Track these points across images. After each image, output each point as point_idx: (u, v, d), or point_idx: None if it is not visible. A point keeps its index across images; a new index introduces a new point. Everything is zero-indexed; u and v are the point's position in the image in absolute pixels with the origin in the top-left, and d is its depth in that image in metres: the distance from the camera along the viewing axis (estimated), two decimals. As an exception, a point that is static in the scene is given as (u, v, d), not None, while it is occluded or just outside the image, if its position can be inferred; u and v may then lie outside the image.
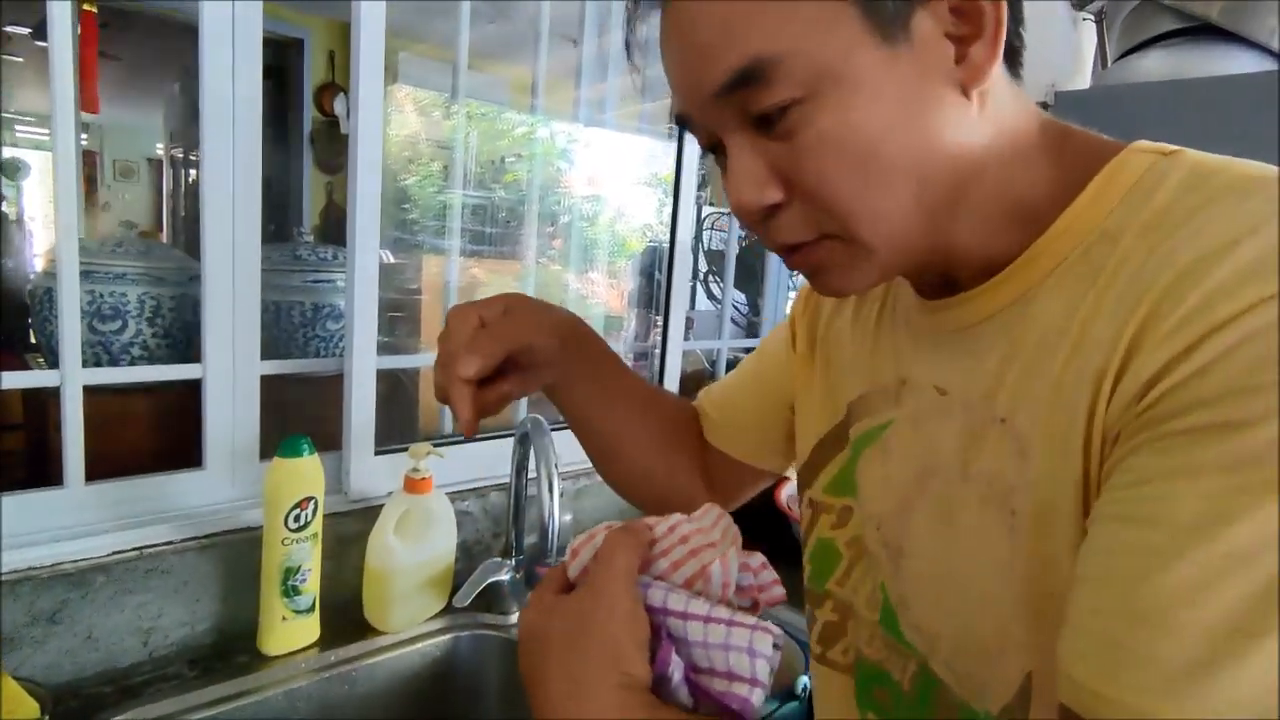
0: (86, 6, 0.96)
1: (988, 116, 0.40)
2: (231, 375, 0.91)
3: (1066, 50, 1.71)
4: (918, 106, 0.38)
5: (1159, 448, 0.31)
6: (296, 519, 0.85)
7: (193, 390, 0.90)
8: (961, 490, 0.43)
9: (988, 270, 0.42)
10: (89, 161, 5.60)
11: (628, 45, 0.49)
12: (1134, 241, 0.36)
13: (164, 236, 5.31)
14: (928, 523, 0.46)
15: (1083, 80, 1.79)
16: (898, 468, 0.49)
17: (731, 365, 1.61)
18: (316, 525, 0.87)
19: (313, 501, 0.86)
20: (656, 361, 1.39)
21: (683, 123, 0.44)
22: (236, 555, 0.88)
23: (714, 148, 0.44)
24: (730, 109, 0.40)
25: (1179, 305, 0.32)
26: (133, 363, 1.02)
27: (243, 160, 0.88)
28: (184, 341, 1.07)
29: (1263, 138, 1.27)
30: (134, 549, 0.82)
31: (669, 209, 1.39)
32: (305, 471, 0.85)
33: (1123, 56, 1.57)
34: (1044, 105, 1.61)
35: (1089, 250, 0.38)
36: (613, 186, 1.58)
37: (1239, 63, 1.36)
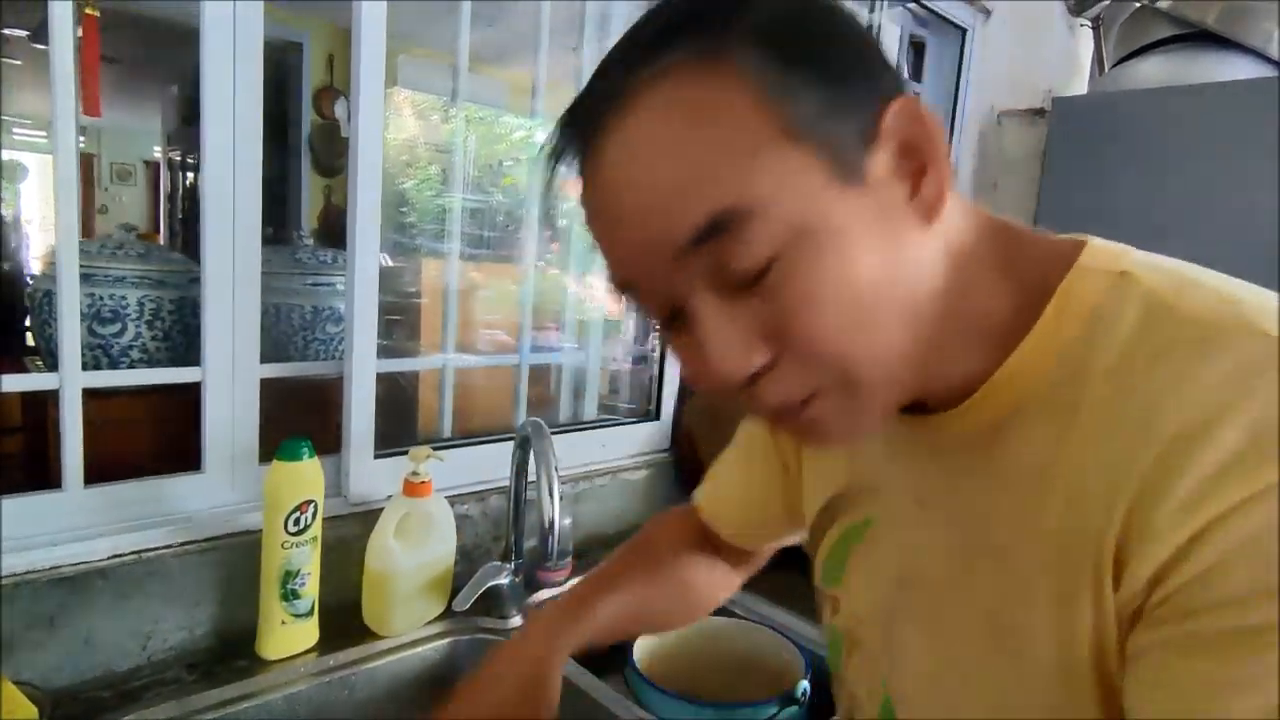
0: (89, 10, 0.96)
1: (945, 241, 0.40)
2: (231, 378, 0.91)
3: (1063, 57, 1.72)
4: (890, 245, 0.37)
5: (1194, 650, 0.32)
6: (296, 522, 0.84)
7: (192, 393, 0.90)
8: (946, 600, 0.44)
9: (952, 392, 0.42)
10: (86, 164, 5.60)
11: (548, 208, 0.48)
12: (1102, 385, 0.37)
13: (161, 239, 5.30)
14: (914, 632, 0.47)
15: (1080, 86, 1.80)
16: (881, 569, 0.50)
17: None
18: (316, 529, 0.86)
19: (312, 505, 0.85)
20: (655, 366, 1.39)
21: (627, 290, 0.41)
22: (235, 559, 0.88)
23: (671, 317, 0.40)
24: (696, 267, 0.37)
25: (1174, 484, 0.32)
26: (132, 366, 1.02)
27: (243, 162, 0.88)
28: (184, 344, 1.07)
29: (1260, 143, 1.28)
30: (133, 552, 0.82)
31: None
32: (305, 475, 0.85)
33: (1120, 62, 1.58)
34: (1040, 112, 1.62)
35: (1055, 386, 0.39)
36: None
37: (1236, 68, 1.37)
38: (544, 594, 1.06)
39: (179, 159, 5.06)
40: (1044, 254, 0.41)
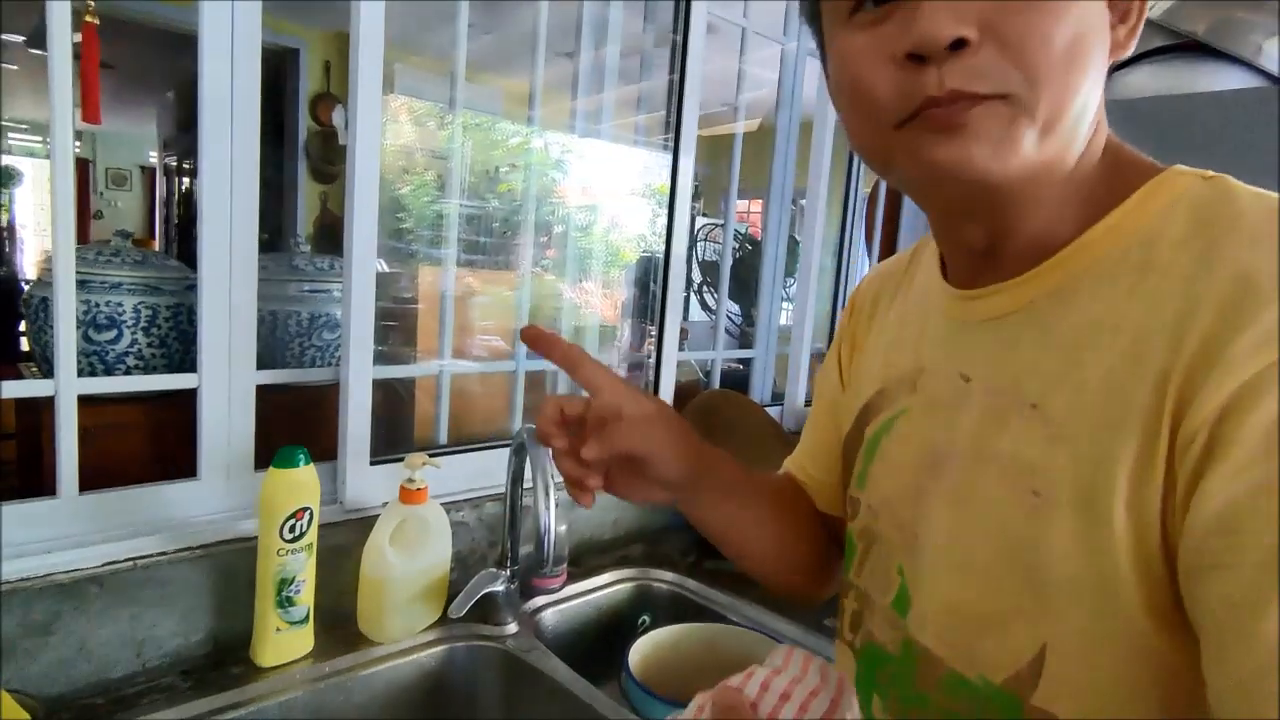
0: (88, 18, 0.96)
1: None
2: (227, 385, 0.91)
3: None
4: (1103, 35, 0.41)
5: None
6: (291, 530, 0.84)
7: (188, 399, 0.90)
8: (975, 470, 0.45)
9: (1032, 253, 0.44)
10: (81, 169, 5.60)
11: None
12: (1176, 250, 0.39)
13: (156, 244, 5.30)
14: (943, 506, 0.47)
15: (1072, 95, 1.82)
16: (909, 453, 0.51)
17: (726, 376, 1.62)
18: (311, 536, 0.86)
19: (308, 512, 0.85)
20: (650, 372, 1.40)
21: None
22: (230, 566, 0.87)
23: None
24: None
25: (1255, 316, 0.34)
26: (128, 372, 1.02)
27: (240, 170, 0.88)
28: (180, 350, 1.07)
29: (1250, 151, 1.29)
30: (128, 559, 0.82)
31: (663, 220, 1.39)
32: (301, 482, 0.85)
33: (1114, 71, 1.59)
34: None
35: (1128, 253, 0.41)
36: (607, 197, 1.59)
37: (1226, 79, 1.38)
38: (539, 600, 1.06)
39: (175, 164, 5.06)
40: (1141, 163, 0.45)
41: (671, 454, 0.53)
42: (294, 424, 1.04)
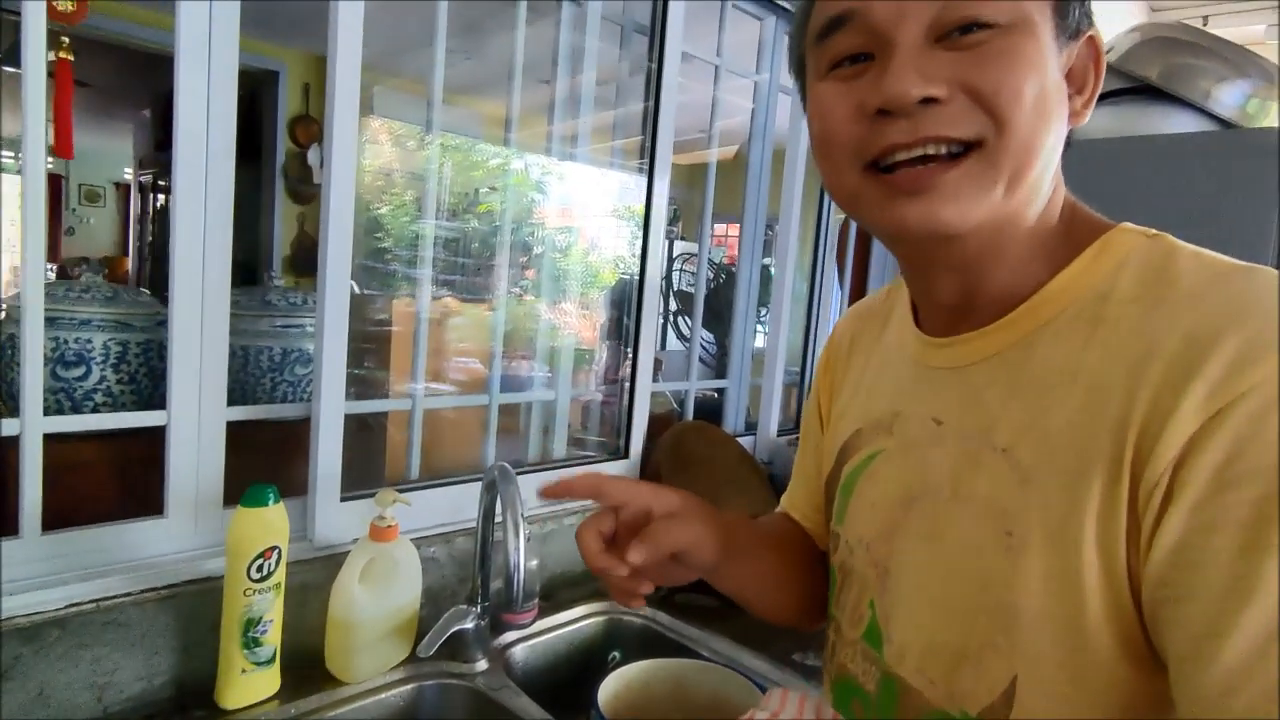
0: (62, 54, 0.97)
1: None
2: (197, 422, 0.90)
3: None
4: (1063, 101, 0.45)
5: (1226, 524, 0.35)
6: (259, 569, 0.84)
7: (157, 436, 0.89)
8: (950, 509, 0.47)
9: (998, 305, 0.48)
10: (53, 185, 5.52)
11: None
12: (1127, 304, 0.43)
13: (129, 263, 5.23)
14: (915, 541, 0.50)
15: (1035, 132, 1.87)
16: (885, 492, 0.53)
17: (699, 405, 1.64)
18: (280, 575, 0.86)
19: (276, 551, 0.85)
20: (625, 401, 1.41)
21: (840, 22, 0.45)
22: (197, 606, 0.87)
23: (861, 56, 0.45)
24: (930, 7, 0.42)
25: (1201, 370, 0.37)
26: (95, 409, 1.01)
27: (214, 207, 0.88)
28: (149, 387, 1.06)
29: (1200, 192, 1.34)
30: (91, 601, 0.81)
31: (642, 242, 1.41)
32: (270, 521, 0.85)
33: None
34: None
35: (1082, 308, 0.44)
36: (586, 219, 1.61)
37: (1177, 121, 1.44)
38: (510, 636, 1.06)
39: (150, 181, 5.00)
40: (1093, 222, 0.49)
41: (707, 539, 0.55)
42: (265, 460, 1.04)
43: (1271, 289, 0.39)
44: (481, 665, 0.98)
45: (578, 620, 1.14)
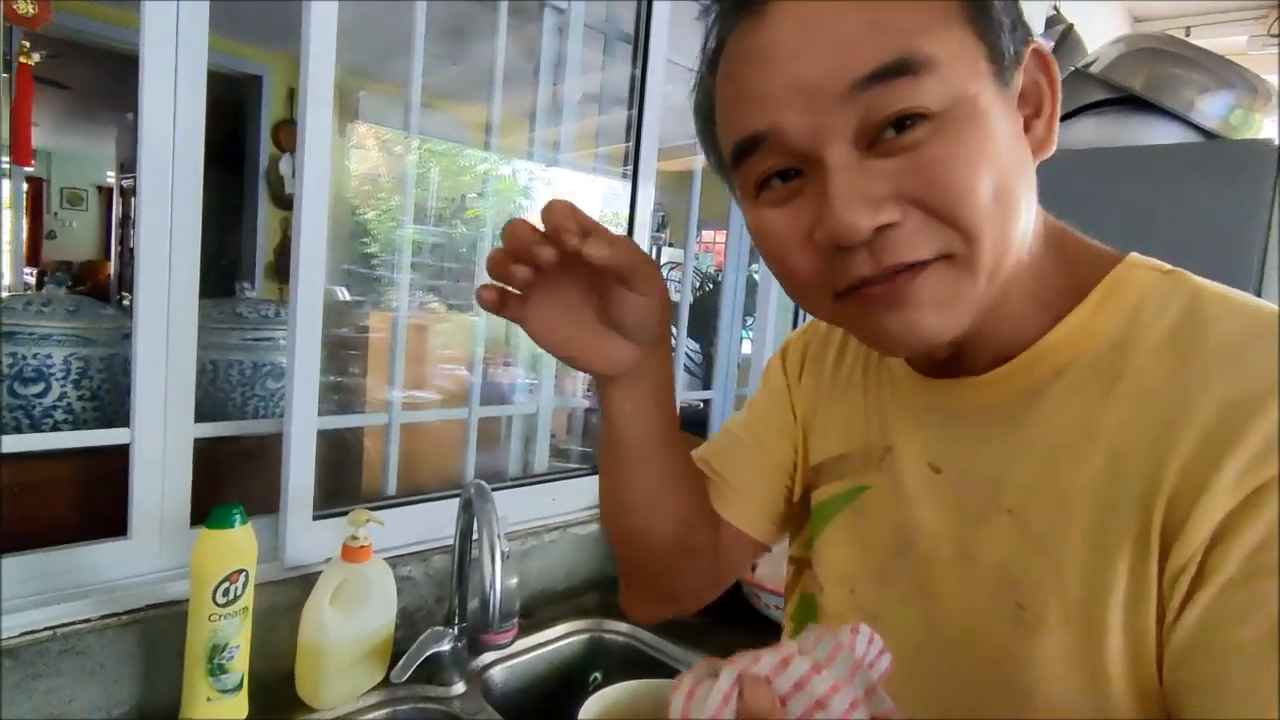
0: (22, 59, 0.94)
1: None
2: (162, 439, 0.88)
3: (1005, 113, 1.79)
4: (1022, 150, 0.40)
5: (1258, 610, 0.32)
6: (225, 593, 0.81)
7: (120, 455, 0.86)
8: (951, 569, 0.44)
9: (996, 355, 0.44)
10: (34, 189, 5.44)
11: (708, 55, 0.44)
12: (1149, 358, 0.39)
13: (110, 267, 5.16)
14: (909, 594, 0.47)
15: (1021, 142, 1.87)
16: (876, 534, 0.50)
17: (684, 414, 1.62)
18: (247, 599, 0.83)
19: (243, 574, 0.82)
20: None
21: (753, 144, 0.40)
22: (160, 631, 0.84)
23: (792, 173, 0.40)
24: (852, 112, 0.37)
25: (1238, 444, 0.34)
26: (55, 427, 0.98)
27: (181, 217, 0.86)
28: (113, 404, 1.03)
29: (1183, 202, 1.34)
30: (47, 628, 0.78)
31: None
32: (236, 543, 0.82)
33: (1059, 121, 1.65)
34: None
35: (1098, 359, 0.40)
36: None
37: (1161, 131, 1.44)
38: (488, 657, 1.03)
39: (132, 185, 4.94)
40: (1093, 251, 0.45)
41: (656, 296, 0.46)
42: (235, 476, 1.01)
43: None
44: (459, 688, 0.95)
45: (559, 639, 1.12)
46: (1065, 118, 1.63)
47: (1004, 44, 0.39)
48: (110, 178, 5.75)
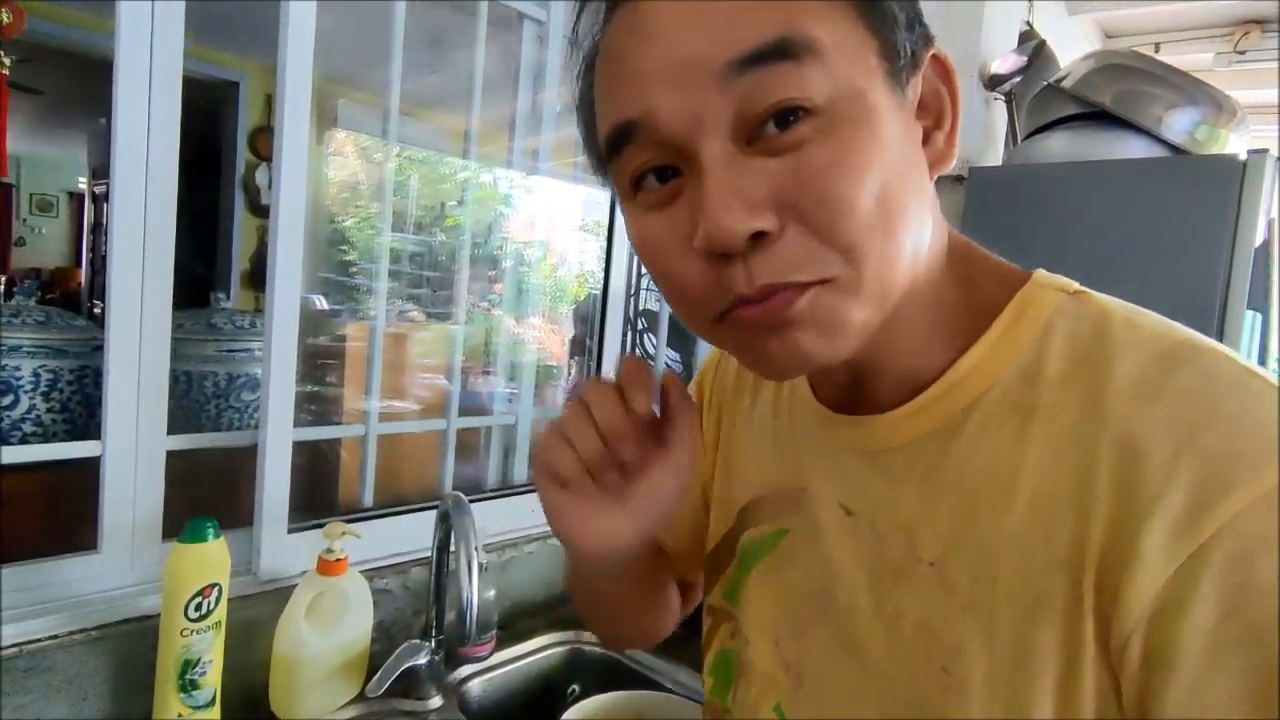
0: (-2, 70, 0.93)
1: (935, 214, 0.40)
2: (134, 452, 0.86)
3: (981, 128, 1.82)
4: (916, 161, 0.37)
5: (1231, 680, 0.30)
6: (198, 608, 0.80)
7: (91, 468, 0.85)
8: (874, 627, 0.41)
9: (901, 385, 0.41)
10: (4, 195, 5.34)
11: (594, 37, 0.40)
12: (1058, 392, 0.36)
13: (82, 274, 5.08)
14: (830, 652, 0.44)
15: (995, 156, 1.90)
16: (794, 583, 0.47)
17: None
18: (220, 613, 0.82)
19: (216, 588, 0.81)
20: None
21: (626, 134, 0.36)
22: (131, 647, 0.82)
23: (668, 171, 0.37)
24: (730, 99, 0.34)
25: (1159, 500, 0.31)
26: (24, 440, 0.96)
27: (155, 225, 0.85)
28: (84, 416, 1.02)
29: (1151, 216, 1.37)
30: (13, 645, 0.76)
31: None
32: (209, 557, 0.81)
33: (1030, 136, 1.68)
34: (960, 179, 1.70)
35: (1008, 391, 0.38)
36: (555, 232, 1.59)
37: (1130, 146, 1.47)
38: (466, 670, 1.02)
39: (104, 192, 4.88)
40: (1001, 271, 0.42)
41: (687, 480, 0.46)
42: (209, 488, 1.00)
43: (1224, 380, 0.33)
44: (435, 702, 0.94)
45: (538, 651, 1.11)
46: (1038, 131, 1.66)
47: (899, 40, 0.36)
48: (82, 184, 5.66)
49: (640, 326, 2.02)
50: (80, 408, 1.01)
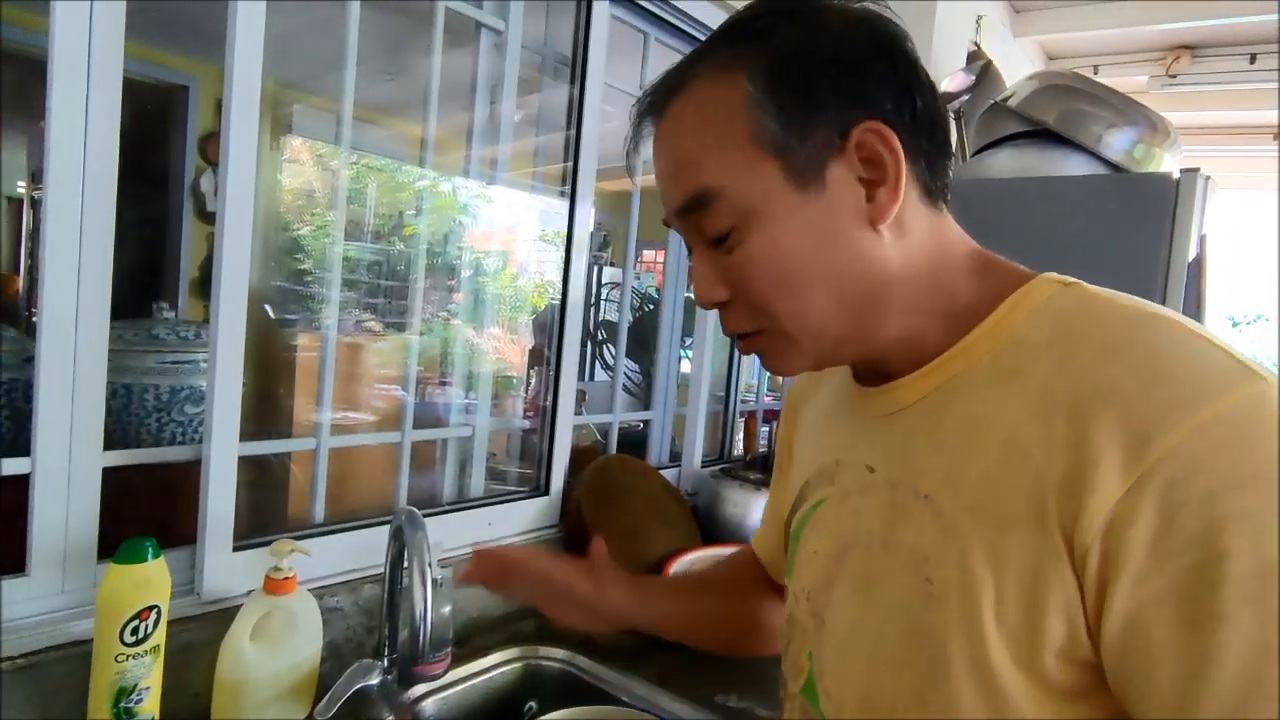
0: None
1: (905, 242, 0.49)
2: (67, 469, 0.82)
3: (931, 143, 1.87)
4: (829, 237, 0.47)
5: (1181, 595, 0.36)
6: (134, 631, 0.77)
7: (21, 486, 0.81)
8: (881, 561, 0.48)
9: (917, 361, 0.50)
10: (-66, 199, 5.10)
11: (628, 158, 0.57)
12: (1036, 354, 0.44)
13: (20, 282, 4.87)
14: (847, 593, 0.51)
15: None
16: (824, 542, 0.55)
17: (624, 436, 1.62)
18: (158, 637, 0.79)
19: (155, 611, 0.78)
20: (546, 439, 1.37)
21: (666, 223, 0.54)
22: (62, 675, 0.79)
23: (690, 247, 0.54)
24: (689, 227, 0.51)
25: (1116, 434, 0.38)
26: (-53, 456, 0.91)
27: (92, 229, 0.81)
28: (12, 431, 0.97)
29: (1092, 231, 1.43)
30: (-70, 676, 0.72)
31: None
32: (147, 578, 0.77)
33: (979, 152, 1.73)
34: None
35: (999, 354, 0.46)
36: (514, 242, 1.58)
37: (1072, 163, 1.52)
38: (420, 689, 1.00)
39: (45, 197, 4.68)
40: (1012, 273, 0.51)
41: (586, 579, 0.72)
42: (150, 506, 0.96)
43: (1174, 339, 0.41)
44: (388, 723, 0.92)
45: (494, 668, 1.10)
46: (986, 147, 1.71)
47: (799, 148, 0.46)
48: (21, 187, 5.44)
49: (600, 338, 2.01)
50: (9, 423, 0.97)
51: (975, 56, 1.97)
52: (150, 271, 3.16)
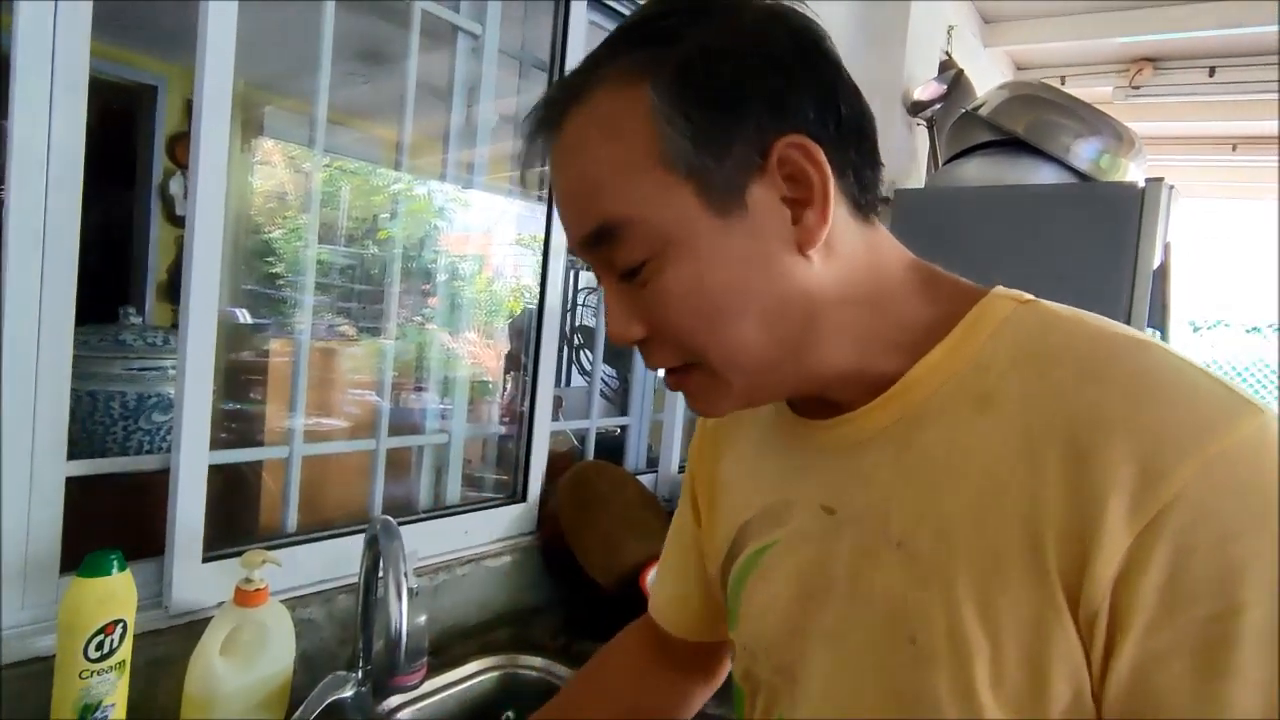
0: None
1: (838, 264, 0.44)
2: (28, 480, 0.80)
3: (905, 151, 1.89)
4: (755, 263, 0.42)
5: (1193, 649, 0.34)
6: (99, 647, 0.74)
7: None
8: (852, 610, 0.44)
9: (870, 390, 0.45)
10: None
11: (522, 172, 0.51)
12: (1003, 379, 0.41)
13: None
14: (821, 646, 0.46)
15: (919, 178, 1.98)
16: (782, 589, 0.49)
17: (601, 441, 1.61)
18: (124, 652, 0.77)
19: (121, 625, 0.76)
20: (523, 446, 1.36)
21: (574, 251, 0.48)
22: (22, 692, 0.76)
23: (599, 279, 0.48)
24: (597, 259, 0.45)
25: (1115, 476, 0.35)
26: (-99, 467, 0.88)
27: (56, 233, 0.79)
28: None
29: (1061, 239, 1.46)
30: (-117, 696, 0.69)
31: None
32: (113, 592, 0.75)
33: (950, 161, 1.76)
34: (886, 200, 1.77)
35: (963, 382, 0.42)
36: (491, 246, 1.57)
37: (1041, 173, 1.56)
38: (395, 700, 0.99)
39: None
40: (960, 288, 0.47)
41: None
42: (116, 517, 0.93)
43: (1161, 366, 0.38)
44: (362, 736, 0.90)
45: (471, 677, 1.08)
46: (958, 156, 1.74)
47: (714, 167, 0.41)
48: (-20, 188, 5.28)
49: (577, 342, 2.01)
50: (-33, 432, 0.93)
51: (947, 66, 2.00)
52: (117, 275, 3.09)
